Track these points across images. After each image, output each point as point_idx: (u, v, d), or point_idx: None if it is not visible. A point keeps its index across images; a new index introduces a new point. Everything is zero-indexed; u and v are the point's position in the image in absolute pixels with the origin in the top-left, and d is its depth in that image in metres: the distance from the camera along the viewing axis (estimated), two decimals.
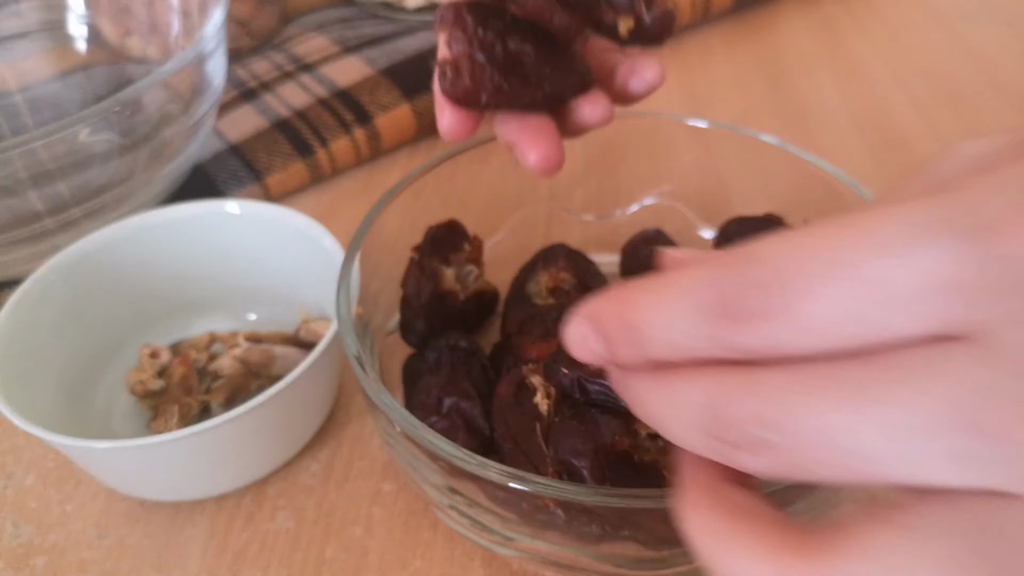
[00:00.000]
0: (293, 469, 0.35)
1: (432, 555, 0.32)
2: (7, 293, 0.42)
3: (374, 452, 0.36)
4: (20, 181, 0.39)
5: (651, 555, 0.26)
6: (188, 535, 0.33)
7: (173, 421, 0.35)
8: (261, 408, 0.31)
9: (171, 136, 0.43)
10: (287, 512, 0.34)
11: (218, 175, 0.49)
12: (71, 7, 0.56)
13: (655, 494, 0.23)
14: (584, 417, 0.27)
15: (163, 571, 0.32)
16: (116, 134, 0.41)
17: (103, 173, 0.42)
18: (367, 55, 0.57)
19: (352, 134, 0.51)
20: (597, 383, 0.26)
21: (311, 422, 0.35)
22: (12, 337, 0.34)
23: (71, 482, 0.35)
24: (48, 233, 0.41)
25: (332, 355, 0.34)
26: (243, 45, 0.61)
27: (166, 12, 0.53)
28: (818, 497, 0.25)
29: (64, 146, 0.39)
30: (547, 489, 0.23)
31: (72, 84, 0.55)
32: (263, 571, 0.32)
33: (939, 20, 0.65)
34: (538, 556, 0.27)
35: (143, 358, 0.38)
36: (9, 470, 0.36)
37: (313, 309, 0.39)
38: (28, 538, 0.33)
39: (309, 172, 0.50)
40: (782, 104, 0.57)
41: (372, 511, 0.33)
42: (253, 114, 0.53)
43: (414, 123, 0.53)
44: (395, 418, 0.26)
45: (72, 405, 0.36)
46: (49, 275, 0.36)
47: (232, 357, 0.37)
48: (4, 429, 0.38)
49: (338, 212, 0.49)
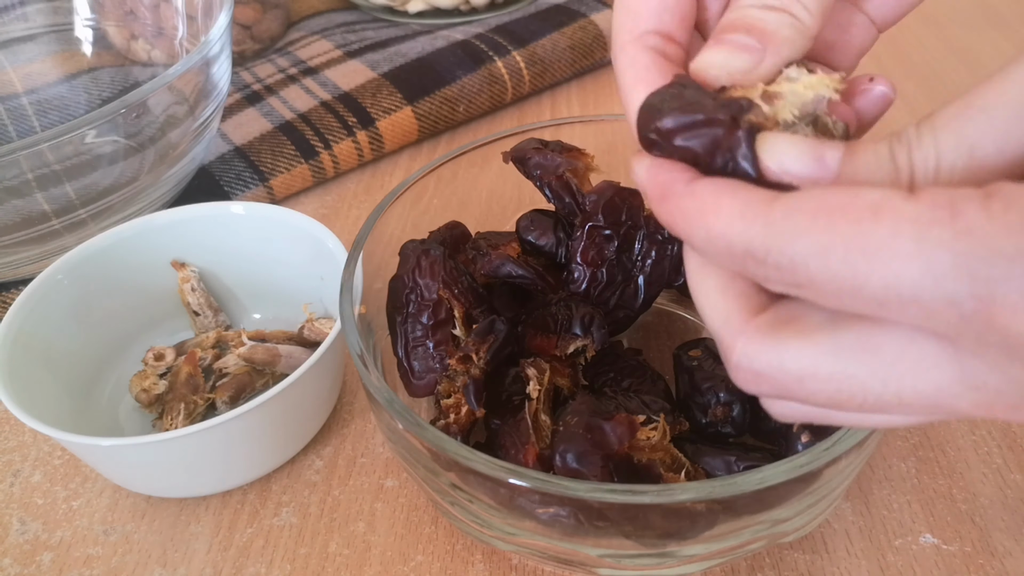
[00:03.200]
0: (297, 466, 0.36)
1: (434, 550, 0.32)
2: (15, 293, 0.43)
3: (377, 449, 0.36)
4: (27, 182, 0.40)
5: (649, 550, 0.26)
6: (193, 531, 0.33)
7: (179, 419, 0.35)
8: (266, 406, 0.31)
9: (177, 138, 0.44)
10: (291, 508, 0.34)
11: (223, 177, 0.50)
12: (77, 11, 0.57)
13: (654, 490, 0.23)
14: (590, 424, 0.27)
15: (168, 567, 0.32)
16: (122, 136, 0.42)
17: (109, 175, 0.42)
18: (369, 59, 0.57)
19: (355, 137, 0.52)
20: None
21: (315, 419, 0.36)
22: (19, 336, 0.34)
23: (77, 479, 0.36)
24: (55, 234, 0.42)
25: (335, 354, 0.34)
26: (247, 49, 0.61)
27: (171, 16, 0.53)
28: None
29: (71, 148, 0.39)
30: (549, 485, 0.24)
31: (78, 87, 0.56)
32: (267, 566, 0.32)
33: (932, 22, 0.66)
34: (538, 551, 0.28)
35: (146, 362, 0.38)
36: (16, 467, 0.37)
37: (317, 308, 0.39)
38: (35, 534, 0.34)
39: (313, 174, 0.51)
40: None
41: (375, 507, 0.34)
42: (257, 117, 0.53)
43: (415, 126, 0.53)
44: (397, 415, 0.26)
45: (78, 403, 0.36)
46: (56, 275, 0.37)
47: (237, 356, 0.37)
48: (11, 426, 0.38)
49: (341, 213, 0.50)
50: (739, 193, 0.18)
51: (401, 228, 0.35)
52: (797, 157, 0.19)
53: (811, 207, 0.17)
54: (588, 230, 0.33)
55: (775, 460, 0.24)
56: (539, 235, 0.35)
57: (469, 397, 0.29)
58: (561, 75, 0.59)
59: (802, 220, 0.17)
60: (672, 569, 0.28)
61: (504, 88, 0.56)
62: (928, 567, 0.31)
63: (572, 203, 0.35)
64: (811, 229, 0.17)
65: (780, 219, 0.17)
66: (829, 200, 0.17)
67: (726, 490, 0.23)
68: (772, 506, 0.25)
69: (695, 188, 0.19)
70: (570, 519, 0.25)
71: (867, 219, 0.16)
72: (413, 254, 0.32)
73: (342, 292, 0.31)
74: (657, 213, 0.20)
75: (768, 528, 0.26)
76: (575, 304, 0.32)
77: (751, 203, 0.18)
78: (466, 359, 0.30)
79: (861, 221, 0.16)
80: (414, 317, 0.32)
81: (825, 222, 0.17)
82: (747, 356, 0.19)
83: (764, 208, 0.18)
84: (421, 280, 0.32)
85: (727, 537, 0.26)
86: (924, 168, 0.18)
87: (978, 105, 0.17)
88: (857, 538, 0.32)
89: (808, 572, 0.31)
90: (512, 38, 0.58)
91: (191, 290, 0.40)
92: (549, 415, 0.29)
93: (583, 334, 0.31)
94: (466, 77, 0.55)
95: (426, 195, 0.37)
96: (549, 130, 0.38)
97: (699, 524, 0.25)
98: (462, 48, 0.57)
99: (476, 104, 0.55)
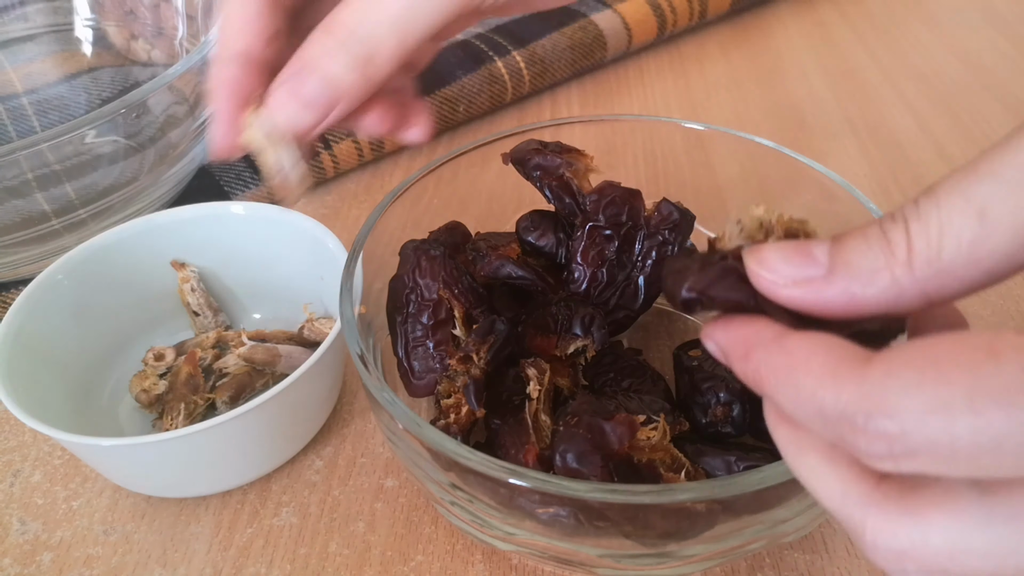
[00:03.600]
0: (297, 466, 0.36)
1: (433, 550, 0.32)
2: (15, 293, 0.43)
3: (376, 449, 0.36)
4: (27, 182, 0.40)
5: (649, 550, 0.27)
6: (193, 531, 0.33)
7: (179, 419, 0.35)
8: (266, 406, 0.31)
9: (177, 138, 0.44)
10: (291, 508, 0.34)
11: (223, 177, 0.50)
12: (77, 11, 0.57)
13: (654, 490, 0.23)
14: (590, 424, 0.27)
15: (168, 566, 0.32)
16: (122, 136, 0.42)
17: (109, 175, 0.42)
18: None
19: (355, 136, 0.52)
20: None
21: (315, 419, 0.36)
22: (19, 336, 0.34)
23: (77, 479, 0.36)
24: (55, 234, 0.42)
25: (335, 353, 0.34)
26: None
27: (171, 16, 0.53)
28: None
29: (71, 148, 0.39)
30: (549, 486, 0.24)
31: (78, 87, 0.56)
32: (267, 566, 0.32)
33: (931, 23, 0.66)
34: (538, 551, 0.28)
35: (146, 362, 0.38)
36: (16, 467, 0.37)
37: (317, 308, 0.39)
38: (35, 534, 0.34)
39: (313, 174, 0.51)
40: (777, 106, 0.57)
41: (375, 507, 0.34)
42: None
43: None
44: (397, 415, 0.26)
45: (78, 402, 0.36)
46: (56, 275, 0.37)
47: (237, 355, 0.37)
48: (11, 426, 0.38)
49: (341, 213, 0.50)
50: (835, 350, 0.16)
51: (401, 228, 0.35)
52: (785, 258, 0.18)
53: (915, 357, 0.15)
54: (588, 230, 0.33)
55: (775, 460, 0.24)
56: (539, 236, 0.35)
57: (469, 397, 0.29)
58: (561, 75, 0.59)
59: (908, 375, 0.15)
60: (672, 569, 0.28)
61: (504, 88, 0.56)
62: None
63: (572, 203, 0.35)
64: (921, 384, 0.14)
65: (880, 377, 0.15)
66: (934, 349, 0.15)
67: (726, 490, 0.23)
68: (772, 506, 0.25)
69: (785, 343, 0.17)
70: (570, 519, 0.25)
71: (986, 362, 0.14)
72: (413, 254, 0.32)
73: (342, 292, 0.31)
74: (740, 373, 0.19)
75: (768, 528, 0.26)
76: (575, 304, 0.32)
77: (846, 360, 0.16)
78: (466, 359, 0.30)
79: (981, 365, 0.14)
80: (414, 317, 0.32)
81: (935, 374, 0.14)
82: (884, 534, 0.16)
83: (860, 365, 0.16)
84: (421, 280, 0.32)
85: (727, 537, 0.26)
86: (926, 243, 0.16)
87: (985, 169, 0.16)
88: None
89: (808, 572, 0.31)
90: (512, 38, 0.58)
91: (191, 290, 0.40)
92: (549, 415, 0.29)
93: (583, 334, 0.31)
94: (466, 77, 0.55)
95: (426, 195, 0.37)
96: (549, 130, 0.38)
97: (699, 524, 0.25)
98: (462, 48, 0.57)
99: (476, 104, 0.55)
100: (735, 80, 0.61)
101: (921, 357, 0.15)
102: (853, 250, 0.18)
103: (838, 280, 0.18)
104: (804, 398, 0.16)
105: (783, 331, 0.18)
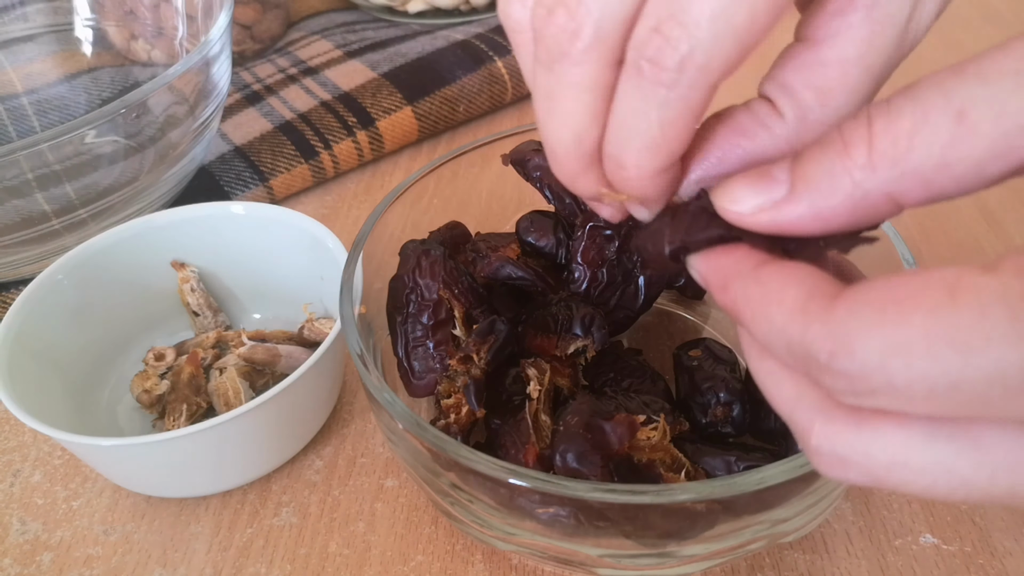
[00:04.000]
0: (297, 466, 0.36)
1: (434, 550, 0.32)
2: (15, 293, 0.43)
3: (376, 449, 0.36)
4: (27, 182, 0.40)
5: (649, 550, 0.27)
6: (193, 531, 0.33)
7: (181, 419, 0.35)
8: (265, 406, 0.31)
9: (177, 138, 0.44)
10: (291, 508, 0.34)
11: (223, 177, 0.50)
12: (77, 11, 0.57)
13: (654, 490, 0.23)
14: (590, 424, 0.27)
15: (168, 566, 0.32)
16: (122, 136, 0.42)
17: (109, 175, 0.42)
18: (369, 59, 0.57)
19: (355, 137, 0.52)
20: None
21: (315, 419, 0.36)
22: (19, 336, 0.34)
23: (77, 479, 0.36)
24: (55, 234, 0.42)
25: (335, 353, 0.34)
26: (247, 49, 0.61)
27: (171, 16, 0.53)
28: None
29: (71, 148, 0.39)
30: (549, 486, 0.24)
31: (78, 87, 0.56)
32: (267, 566, 0.32)
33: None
34: (538, 551, 0.28)
35: (147, 363, 0.38)
36: (16, 467, 0.37)
37: (317, 308, 0.39)
38: (35, 534, 0.34)
39: (313, 174, 0.51)
40: None
41: (375, 507, 0.34)
42: (257, 117, 0.53)
43: (415, 126, 0.53)
44: (397, 415, 0.26)
45: (78, 402, 0.36)
46: (56, 275, 0.37)
47: (237, 355, 0.37)
48: (11, 426, 0.38)
49: (341, 213, 0.50)
50: (807, 281, 0.16)
51: (401, 228, 0.35)
52: (748, 184, 0.18)
53: (879, 296, 0.15)
54: (589, 230, 0.33)
55: (775, 460, 0.24)
56: (539, 236, 0.35)
57: (469, 397, 0.29)
58: None
59: (870, 314, 0.15)
60: (672, 569, 0.28)
61: (504, 88, 0.56)
62: (928, 567, 0.31)
63: (572, 204, 0.35)
64: (882, 324, 0.14)
65: (844, 315, 0.15)
66: (896, 289, 0.15)
67: (726, 490, 0.23)
68: (772, 506, 0.25)
69: (761, 274, 0.17)
70: (570, 519, 0.25)
71: (946, 304, 0.14)
72: (413, 254, 0.32)
73: (342, 292, 0.31)
74: (720, 303, 0.18)
75: (768, 528, 0.26)
76: (575, 304, 0.32)
77: (815, 295, 0.16)
78: (466, 359, 0.30)
79: (940, 307, 0.14)
80: (414, 317, 0.32)
81: (896, 314, 0.14)
82: (829, 440, 0.16)
83: (826, 303, 0.15)
84: (421, 280, 0.32)
85: (727, 537, 0.26)
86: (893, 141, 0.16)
87: (972, 71, 0.15)
88: (857, 538, 0.32)
89: (808, 572, 0.31)
90: None
91: (191, 290, 0.40)
92: (549, 415, 0.29)
93: (583, 334, 0.31)
94: (466, 77, 0.55)
95: (426, 195, 0.37)
96: None
97: (699, 524, 0.25)
98: (462, 48, 0.57)
99: (476, 104, 0.55)
100: (735, 79, 0.61)
101: (884, 296, 0.15)
102: (810, 160, 0.17)
103: (801, 197, 0.17)
104: (775, 332, 0.16)
105: (762, 260, 0.18)
